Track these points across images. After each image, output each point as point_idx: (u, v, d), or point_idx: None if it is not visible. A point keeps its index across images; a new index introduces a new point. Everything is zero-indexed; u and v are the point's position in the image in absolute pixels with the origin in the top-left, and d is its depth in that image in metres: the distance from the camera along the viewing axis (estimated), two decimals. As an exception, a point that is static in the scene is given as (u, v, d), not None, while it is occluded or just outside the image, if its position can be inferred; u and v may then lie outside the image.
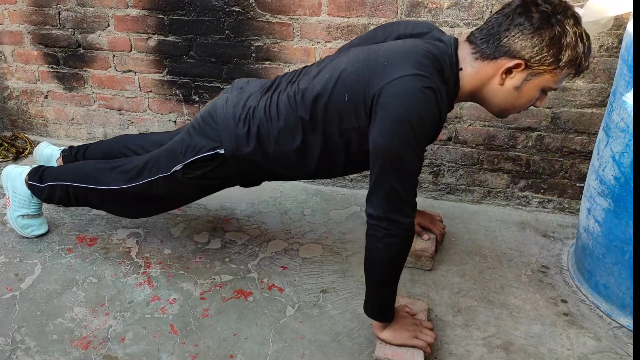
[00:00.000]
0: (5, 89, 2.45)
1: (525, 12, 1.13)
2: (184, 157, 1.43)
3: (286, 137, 1.33)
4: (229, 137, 1.38)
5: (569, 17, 1.12)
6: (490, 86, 1.21)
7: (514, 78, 1.17)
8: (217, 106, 1.42)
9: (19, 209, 1.72)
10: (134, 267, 1.64)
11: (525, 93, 1.19)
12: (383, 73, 1.17)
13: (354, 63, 1.24)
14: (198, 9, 1.97)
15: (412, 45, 1.22)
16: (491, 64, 1.18)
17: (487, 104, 1.26)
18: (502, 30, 1.15)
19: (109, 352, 1.34)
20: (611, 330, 1.41)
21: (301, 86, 1.31)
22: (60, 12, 2.16)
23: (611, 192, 1.38)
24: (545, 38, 1.11)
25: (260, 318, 1.45)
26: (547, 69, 1.15)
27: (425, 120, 1.13)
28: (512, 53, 1.14)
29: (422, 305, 1.42)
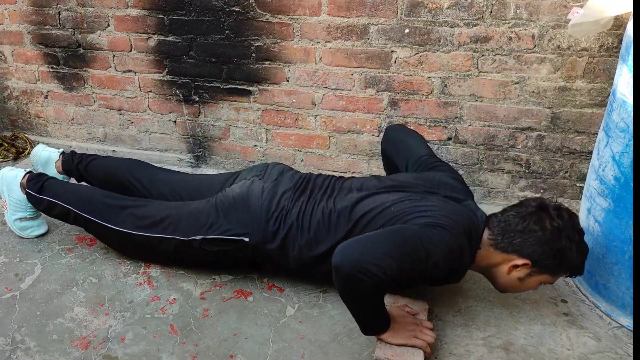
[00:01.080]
0: (5, 89, 2.45)
1: (540, 221, 1.27)
2: (207, 232, 1.46)
3: (311, 246, 1.40)
4: (258, 230, 1.43)
5: (576, 232, 1.28)
6: (498, 271, 1.34)
7: (519, 271, 1.30)
8: (252, 194, 1.47)
9: (16, 212, 1.72)
10: (134, 267, 1.64)
11: (526, 284, 1.33)
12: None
13: (397, 204, 1.35)
14: (198, 9, 1.97)
15: (452, 208, 1.35)
16: (502, 255, 1.31)
17: (493, 281, 1.39)
18: (517, 231, 1.29)
19: (109, 352, 1.34)
20: (611, 330, 1.41)
21: (337, 206, 1.40)
22: (60, 12, 2.16)
23: (611, 192, 1.38)
24: (554, 249, 1.26)
25: (260, 318, 1.45)
26: (548, 271, 1.30)
27: (449, 251, 1.25)
28: (522, 253, 1.28)
29: (422, 305, 1.42)
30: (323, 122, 2.04)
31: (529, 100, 1.79)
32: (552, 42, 1.69)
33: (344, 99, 1.97)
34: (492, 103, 1.83)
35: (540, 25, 1.68)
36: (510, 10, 1.68)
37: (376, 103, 1.94)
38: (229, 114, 2.15)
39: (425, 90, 1.87)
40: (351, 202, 1.40)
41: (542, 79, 1.75)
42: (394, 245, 1.19)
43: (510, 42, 1.72)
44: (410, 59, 1.84)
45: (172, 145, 2.29)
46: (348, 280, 1.16)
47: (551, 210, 1.28)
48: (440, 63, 1.81)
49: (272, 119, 2.10)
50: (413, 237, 1.23)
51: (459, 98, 1.85)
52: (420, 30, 1.79)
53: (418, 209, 1.32)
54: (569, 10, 1.61)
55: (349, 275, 1.15)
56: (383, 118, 1.96)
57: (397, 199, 1.37)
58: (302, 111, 2.05)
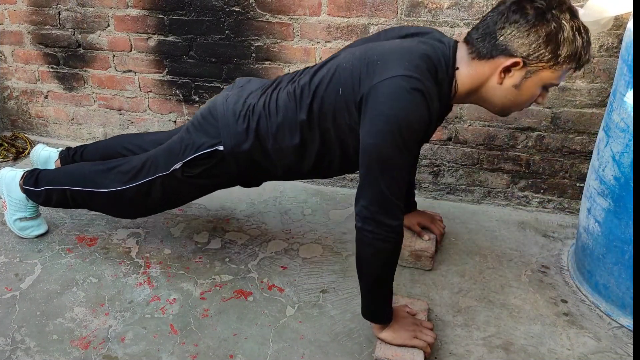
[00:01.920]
0: (5, 89, 2.45)
1: (520, 9, 1.11)
2: (183, 155, 1.42)
3: (284, 133, 1.33)
4: (228, 133, 1.38)
5: (565, 11, 1.10)
6: (488, 86, 1.20)
7: (512, 76, 1.16)
8: (217, 103, 1.42)
9: (16, 213, 1.72)
10: (134, 267, 1.64)
11: (525, 91, 1.18)
12: (375, 71, 1.17)
13: (350, 59, 1.24)
14: (198, 9, 1.97)
15: (407, 45, 1.21)
16: (488, 63, 1.17)
17: (487, 103, 1.25)
18: (498, 29, 1.13)
19: (109, 352, 1.34)
20: (611, 330, 1.41)
21: (301, 83, 1.32)
22: (60, 12, 2.16)
23: (611, 192, 1.38)
24: (542, 34, 1.10)
25: (260, 318, 1.45)
26: (545, 66, 1.13)
27: (414, 122, 1.13)
28: (509, 51, 1.13)
29: (422, 305, 1.42)
30: (323, 122, 2.04)
31: (529, 100, 1.79)
32: (552, 42, 1.69)
33: (344, 99, 1.97)
34: (492, 103, 1.83)
35: (540, 25, 1.67)
36: (510, 10, 1.68)
37: (376, 103, 1.94)
38: (229, 114, 2.14)
39: (425, 90, 1.87)
40: (310, 74, 1.32)
41: (542, 79, 1.75)
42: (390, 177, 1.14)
43: (510, 42, 1.72)
44: (410, 59, 1.83)
45: (172, 145, 2.29)
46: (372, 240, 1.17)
47: None
48: (440, 63, 1.81)
49: (272, 119, 2.10)
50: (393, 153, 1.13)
51: (459, 98, 1.85)
52: (420, 30, 1.78)
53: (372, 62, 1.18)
54: (569, 10, 1.60)
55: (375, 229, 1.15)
56: (383, 118, 1.96)
57: (349, 54, 1.27)
58: (302, 111, 2.04)
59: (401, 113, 1.11)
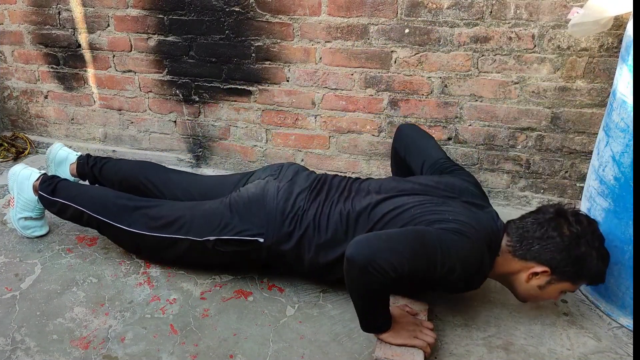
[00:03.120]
0: (5, 89, 2.45)
1: (559, 227, 1.26)
2: (221, 232, 1.44)
3: (327, 250, 1.39)
4: (273, 231, 1.42)
5: (595, 239, 1.26)
6: (517, 278, 1.33)
7: (539, 279, 1.29)
8: (268, 194, 1.45)
9: (22, 212, 1.71)
10: (134, 267, 1.64)
11: (546, 293, 1.32)
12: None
13: (418, 208, 1.34)
14: (198, 9, 1.97)
15: (473, 215, 1.33)
16: (521, 262, 1.30)
17: (512, 290, 1.38)
18: (535, 238, 1.27)
19: (109, 352, 1.34)
20: (611, 330, 1.41)
21: (356, 207, 1.38)
22: (60, 12, 2.16)
23: (611, 192, 1.38)
24: (573, 256, 1.24)
25: (260, 318, 1.45)
26: (569, 279, 1.28)
27: (467, 257, 1.24)
28: (541, 260, 1.27)
29: (422, 305, 1.42)
30: (323, 122, 2.04)
31: (529, 100, 1.79)
32: (552, 42, 1.69)
33: (344, 99, 1.97)
34: (492, 103, 1.83)
35: (540, 25, 1.68)
36: (510, 10, 1.68)
37: (376, 103, 1.94)
38: (229, 114, 2.15)
39: (425, 90, 1.87)
40: (371, 203, 1.38)
41: (542, 79, 1.75)
42: (411, 245, 1.18)
43: (510, 42, 1.72)
44: (410, 59, 1.84)
45: (172, 145, 2.29)
46: (358, 273, 1.16)
47: (569, 216, 1.27)
48: (440, 63, 1.81)
49: (272, 119, 2.10)
50: (431, 240, 1.22)
51: (459, 98, 1.85)
52: (420, 30, 1.79)
53: (439, 212, 1.31)
54: (569, 10, 1.61)
55: (361, 268, 1.14)
56: (383, 118, 1.96)
57: (417, 202, 1.36)
58: (302, 111, 2.05)
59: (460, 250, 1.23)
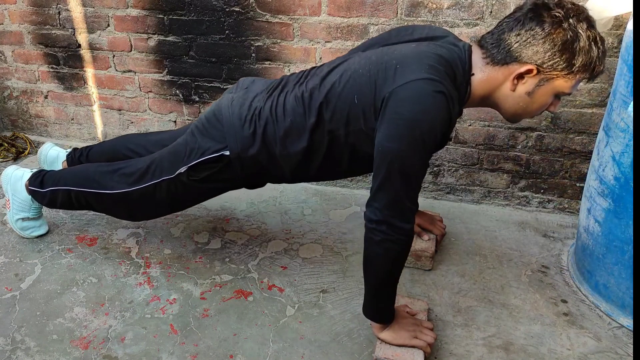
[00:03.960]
0: (5, 89, 2.45)
1: (537, 16, 1.10)
2: (188, 160, 1.41)
3: (292, 138, 1.32)
4: (235, 138, 1.36)
5: (582, 20, 1.09)
6: (501, 91, 1.19)
7: (525, 83, 1.16)
8: (222, 107, 1.41)
9: (19, 212, 1.71)
10: (134, 267, 1.64)
11: (537, 98, 1.17)
12: (394, 75, 1.15)
13: (365, 64, 1.22)
14: (198, 9, 1.97)
15: (425, 49, 1.19)
16: (502, 69, 1.16)
17: (499, 108, 1.25)
18: (513, 35, 1.12)
19: (109, 352, 1.34)
20: (611, 330, 1.41)
21: (309, 86, 1.30)
22: (60, 12, 2.16)
23: (611, 192, 1.38)
24: (558, 43, 1.09)
25: (260, 318, 1.45)
26: (559, 74, 1.13)
27: (437, 126, 1.11)
28: (524, 58, 1.13)
29: (422, 305, 1.42)
30: (323, 122, 2.04)
31: (529, 100, 1.79)
32: (552, 42, 1.69)
33: (344, 99, 1.97)
34: (492, 103, 1.83)
35: (540, 25, 1.67)
36: (510, 10, 1.68)
37: (376, 103, 1.94)
38: (229, 114, 2.14)
39: (425, 90, 1.87)
40: (321, 77, 1.29)
41: (542, 79, 1.75)
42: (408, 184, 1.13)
43: (510, 42, 1.72)
44: (410, 59, 1.83)
45: (172, 145, 2.29)
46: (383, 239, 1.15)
47: (549, 2, 1.11)
48: (440, 63, 1.81)
49: (272, 119, 2.10)
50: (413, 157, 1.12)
51: (459, 98, 1.85)
52: (420, 30, 1.78)
53: (389, 67, 1.17)
54: (569, 10, 1.60)
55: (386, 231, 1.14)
56: (383, 118, 1.96)
57: (364, 58, 1.25)
58: (302, 111, 2.04)
59: (424, 117, 1.09)
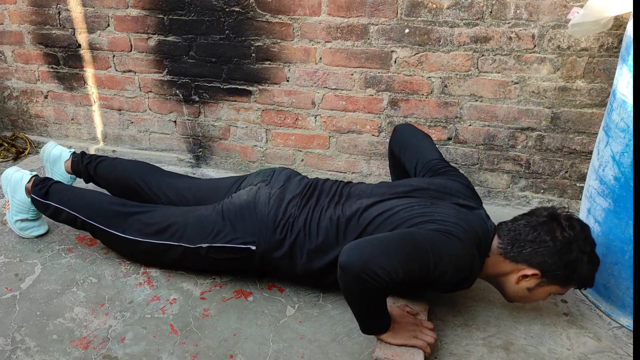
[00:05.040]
0: (5, 89, 2.45)
1: (551, 231, 1.26)
2: (213, 239, 1.45)
3: (319, 255, 1.39)
4: (265, 238, 1.42)
5: (587, 244, 1.26)
6: (506, 280, 1.33)
7: (528, 282, 1.30)
8: (259, 202, 1.46)
9: (18, 214, 1.71)
10: (134, 267, 1.64)
11: (535, 294, 1.32)
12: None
13: (407, 210, 1.34)
14: (198, 9, 1.97)
15: (464, 217, 1.33)
16: (511, 264, 1.30)
17: (501, 290, 1.38)
18: (527, 241, 1.28)
19: (109, 352, 1.34)
20: (611, 330, 1.41)
21: (346, 213, 1.38)
22: (60, 12, 2.16)
23: (611, 192, 1.38)
24: (564, 260, 1.25)
25: (260, 318, 1.45)
26: (558, 282, 1.29)
27: (458, 259, 1.23)
28: (532, 263, 1.27)
29: (422, 305, 1.42)
30: (323, 122, 2.04)
31: (529, 100, 1.79)
32: (552, 42, 1.69)
33: (344, 99, 1.97)
34: (492, 103, 1.83)
35: (540, 25, 1.68)
36: (510, 10, 1.68)
37: (376, 103, 1.94)
38: (229, 114, 2.15)
39: (425, 90, 1.87)
40: (360, 208, 1.38)
41: (542, 79, 1.75)
42: (403, 249, 1.17)
43: (510, 42, 1.72)
44: (410, 59, 1.84)
45: (172, 145, 2.30)
46: (353, 280, 1.15)
47: (563, 221, 1.27)
48: (440, 63, 1.81)
49: (272, 119, 2.10)
50: (422, 242, 1.21)
51: (459, 98, 1.85)
52: (420, 30, 1.79)
53: (428, 214, 1.31)
54: (569, 10, 1.61)
55: (355, 276, 1.14)
56: (383, 118, 1.96)
57: (406, 204, 1.36)
58: (302, 111, 2.05)
59: (451, 252, 1.22)
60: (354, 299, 1.22)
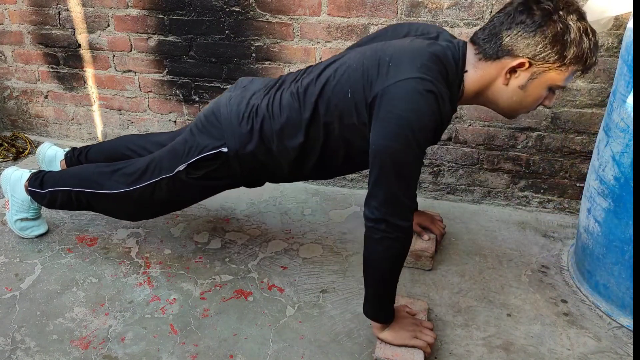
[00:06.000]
0: (5, 89, 2.45)
1: (527, 9, 1.11)
2: (187, 157, 1.42)
3: (289, 133, 1.33)
4: (233, 135, 1.38)
5: (572, 12, 1.10)
6: (494, 87, 1.20)
7: (518, 77, 1.16)
8: (221, 105, 1.42)
9: (18, 213, 1.72)
10: (134, 267, 1.64)
11: (531, 92, 1.18)
12: (387, 73, 1.16)
13: (359, 59, 1.23)
14: (198, 9, 1.97)
15: (419, 46, 1.20)
16: (494, 64, 1.17)
17: (493, 105, 1.25)
18: (504, 29, 1.13)
19: (109, 352, 1.34)
20: (611, 330, 1.41)
21: (305, 82, 1.32)
22: (60, 12, 2.16)
23: (611, 192, 1.38)
24: (548, 35, 1.09)
25: (260, 318, 1.45)
26: (552, 67, 1.13)
27: (427, 124, 1.12)
28: (515, 52, 1.13)
29: (422, 305, 1.42)
30: (323, 122, 2.04)
31: (529, 100, 1.79)
32: (552, 42, 1.69)
33: (344, 99, 1.97)
34: (492, 103, 1.83)
35: (540, 25, 1.67)
36: (510, 10, 1.68)
37: (376, 103, 1.94)
38: (229, 114, 2.14)
39: (425, 90, 1.87)
40: (316, 73, 1.31)
41: (542, 79, 1.75)
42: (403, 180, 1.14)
43: (510, 42, 1.72)
44: (410, 59, 1.83)
45: (172, 145, 2.29)
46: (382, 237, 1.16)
47: None
48: (440, 63, 1.81)
49: (272, 119, 2.10)
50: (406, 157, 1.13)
51: (459, 98, 1.85)
52: (420, 30, 1.78)
53: (382, 64, 1.18)
54: (569, 10, 1.60)
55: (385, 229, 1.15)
56: (383, 118, 1.96)
57: (359, 54, 1.26)
58: (302, 111, 2.05)
59: (415, 115, 1.11)
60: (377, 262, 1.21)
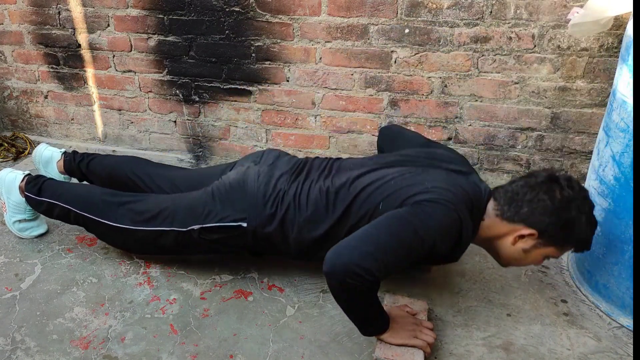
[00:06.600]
0: (5, 89, 2.45)
1: (550, 191, 1.23)
2: (204, 220, 1.44)
3: (310, 227, 1.38)
4: (255, 214, 1.41)
5: (587, 204, 1.24)
6: (502, 242, 1.31)
7: (525, 242, 1.27)
8: (248, 179, 1.45)
9: (15, 215, 1.71)
10: (134, 267, 1.64)
11: (531, 256, 1.29)
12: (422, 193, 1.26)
13: (398, 179, 1.33)
14: (198, 9, 1.97)
15: (454, 182, 1.31)
16: (508, 225, 1.28)
17: (494, 253, 1.36)
18: (525, 200, 1.25)
19: (109, 352, 1.34)
20: (611, 330, 1.41)
21: (336, 183, 1.37)
22: (60, 12, 2.16)
23: (611, 192, 1.38)
24: (562, 220, 1.22)
25: (260, 318, 1.45)
26: (555, 243, 1.26)
27: (444, 235, 1.22)
28: (530, 223, 1.24)
29: (422, 305, 1.42)
30: (323, 122, 2.04)
31: (529, 100, 1.79)
32: (552, 42, 1.69)
33: (344, 99, 1.97)
34: (492, 103, 1.83)
35: (540, 25, 1.68)
36: (510, 10, 1.68)
37: (376, 103, 1.94)
38: (229, 114, 2.15)
39: (425, 90, 1.87)
40: (350, 178, 1.37)
41: (542, 79, 1.75)
42: (385, 242, 1.16)
43: (510, 42, 1.72)
44: (410, 59, 1.84)
45: (172, 145, 2.30)
46: (339, 286, 1.15)
47: (562, 181, 1.24)
48: (440, 63, 1.81)
49: (272, 119, 2.10)
50: (405, 226, 1.19)
51: (459, 98, 1.85)
52: (420, 30, 1.79)
53: (419, 182, 1.29)
54: (569, 10, 1.61)
55: (340, 282, 1.13)
56: (383, 118, 1.96)
57: (397, 173, 1.35)
58: (302, 111, 2.05)
59: (435, 223, 1.21)
60: (346, 304, 1.22)
